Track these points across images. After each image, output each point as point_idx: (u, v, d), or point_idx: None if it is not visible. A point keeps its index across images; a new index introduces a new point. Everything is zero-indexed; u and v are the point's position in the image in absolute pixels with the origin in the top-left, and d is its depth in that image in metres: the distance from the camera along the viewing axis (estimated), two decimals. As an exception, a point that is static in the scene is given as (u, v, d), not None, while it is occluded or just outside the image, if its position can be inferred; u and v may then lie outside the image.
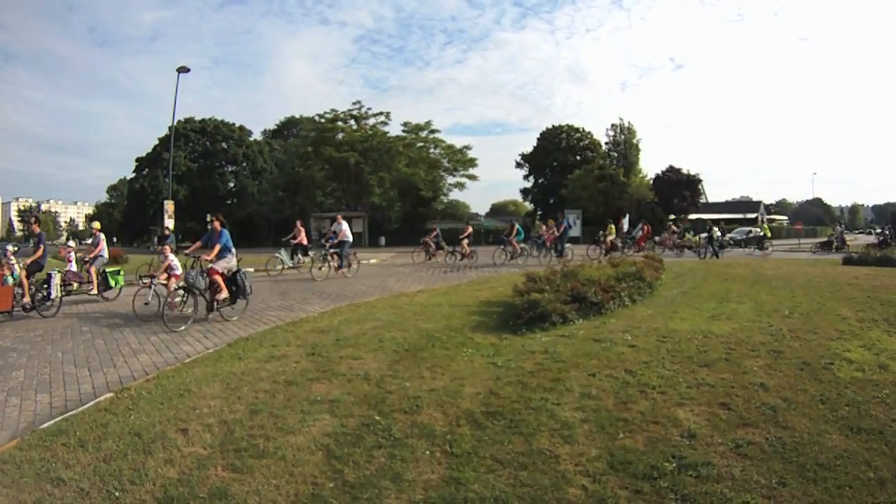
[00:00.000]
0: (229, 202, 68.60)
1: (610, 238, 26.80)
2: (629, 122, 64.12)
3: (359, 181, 53.93)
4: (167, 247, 13.41)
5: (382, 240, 51.23)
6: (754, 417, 4.85)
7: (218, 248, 10.92)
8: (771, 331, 8.07)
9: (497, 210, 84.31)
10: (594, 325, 8.82)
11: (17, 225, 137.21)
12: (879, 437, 4.36)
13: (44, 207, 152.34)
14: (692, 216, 56.54)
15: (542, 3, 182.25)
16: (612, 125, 64.29)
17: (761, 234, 34.49)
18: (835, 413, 4.88)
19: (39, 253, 12.32)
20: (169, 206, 30.44)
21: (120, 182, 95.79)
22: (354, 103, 57.54)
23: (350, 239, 19.67)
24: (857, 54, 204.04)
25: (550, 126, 71.97)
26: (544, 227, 27.72)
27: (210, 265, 10.76)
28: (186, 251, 12.03)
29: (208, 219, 11.86)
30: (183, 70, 30.90)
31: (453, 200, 64.31)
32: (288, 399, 5.70)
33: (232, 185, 70.56)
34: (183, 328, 9.97)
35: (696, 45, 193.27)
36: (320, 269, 18.91)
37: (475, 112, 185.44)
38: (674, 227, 33.55)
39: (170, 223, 30.61)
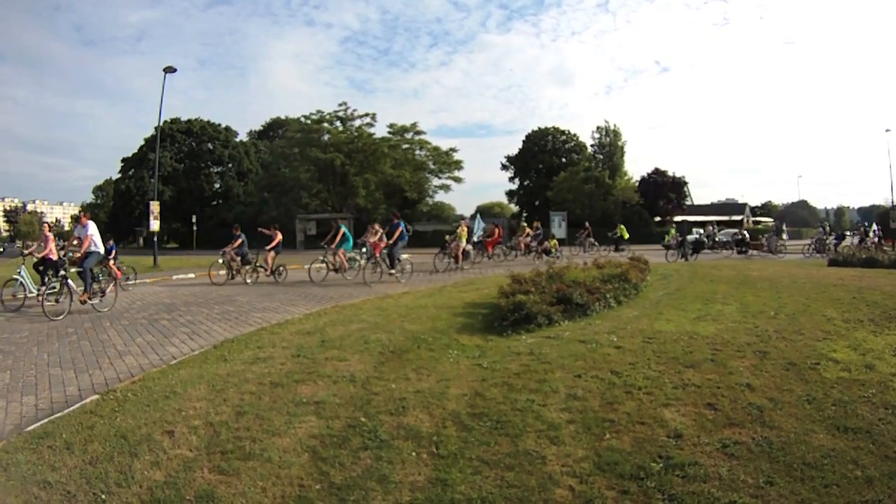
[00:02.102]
0: (215, 203, 68.48)
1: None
2: (615, 125, 64.32)
3: (344, 183, 53.97)
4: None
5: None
6: (741, 417, 4.86)
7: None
8: (757, 332, 8.11)
9: (482, 212, 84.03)
10: (580, 327, 8.84)
11: (2, 225, 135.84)
12: (866, 436, 4.38)
13: (29, 208, 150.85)
14: (678, 218, 56.75)
15: (528, 5, 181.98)
16: (598, 127, 64.46)
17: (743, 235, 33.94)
18: (821, 413, 4.90)
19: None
20: (154, 206, 30.23)
21: (106, 183, 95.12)
22: (340, 104, 57.61)
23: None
24: (843, 58, 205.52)
25: (536, 128, 72.24)
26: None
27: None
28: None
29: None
30: (169, 70, 30.70)
31: (439, 202, 64.34)
32: (274, 401, 5.67)
33: (217, 185, 70.42)
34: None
35: (681, 48, 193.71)
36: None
37: (460, 114, 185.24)
38: (529, 230, 29.55)
39: (155, 224, 30.43)
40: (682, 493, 3.65)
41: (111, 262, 15.20)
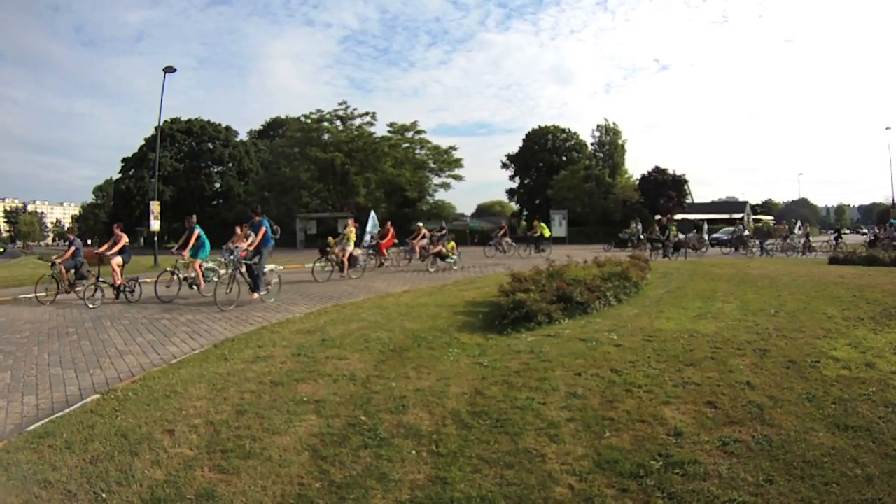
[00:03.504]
0: (215, 202, 68.51)
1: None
2: (614, 123, 64.50)
3: (344, 182, 53.95)
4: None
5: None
6: (741, 416, 4.86)
7: None
8: (757, 330, 8.10)
9: (483, 210, 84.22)
10: (580, 325, 8.83)
11: (3, 226, 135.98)
12: (866, 434, 4.38)
13: (29, 208, 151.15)
14: (678, 216, 56.73)
15: (527, 4, 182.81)
16: (598, 126, 64.62)
17: (746, 233, 33.71)
18: (821, 411, 4.90)
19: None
20: (155, 206, 30.22)
21: (106, 183, 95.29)
22: (340, 104, 57.53)
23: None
24: (843, 55, 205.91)
25: (536, 127, 72.27)
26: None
27: None
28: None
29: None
30: (169, 70, 30.70)
31: (439, 201, 64.27)
32: (274, 400, 5.68)
33: (218, 185, 70.45)
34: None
35: (681, 46, 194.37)
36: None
37: (460, 113, 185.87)
38: (424, 230, 25.04)
39: (155, 224, 30.42)
40: (682, 491, 3.65)
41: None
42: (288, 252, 35.15)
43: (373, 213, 27.30)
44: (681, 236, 30.72)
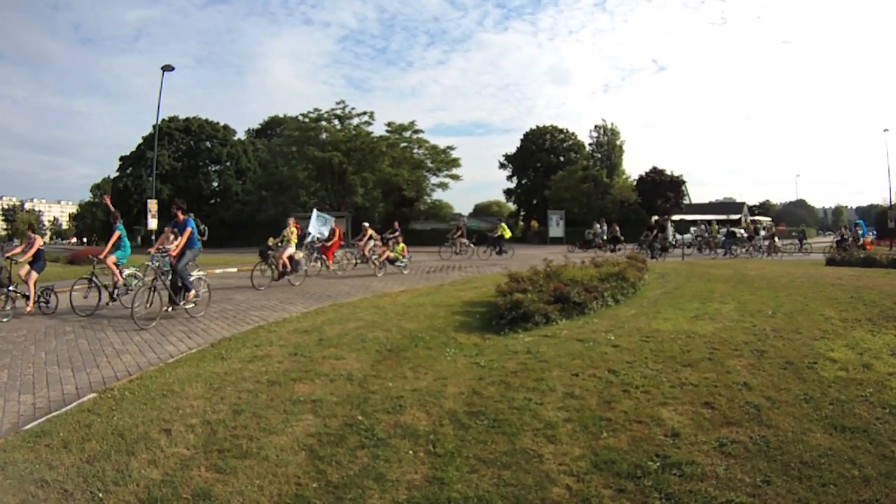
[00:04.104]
0: (213, 201, 68.28)
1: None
2: (612, 124, 64.52)
3: (342, 181, 53.82)
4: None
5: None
6: (738, 416, 4.87)
7: None
8: (754, 331, 8.12)
9: (481, 210, 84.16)
10: (577, 325, 8.84)
11: (0, 224, 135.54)
12: (864, 435, 4.39)
13: (27, 206, 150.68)
14: (675, 217, 56.75)
15: (525, 4, 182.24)
16: (596, 126, 64.70)
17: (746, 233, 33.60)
18: (819, 412, 4.91)
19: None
20: (152, 205, 30.21)
21: (104, 181, 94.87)
22: (338, 103, 57.38)
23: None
24: (841, 57, 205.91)
25: (534, 127, 72.02)
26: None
27: None
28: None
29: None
30: (167, 68, 30.70)
31: (437, 201, 64.18)
32: (271, 399, 5.68)
33: (216, 184, 70.22)
34: None
35: (679, 47, 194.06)
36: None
37: (458, 112, 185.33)
38: (370, 231, 21.62)
39: (153, 222, 30.37)
40: (679, 491, 3.65)
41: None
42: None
43: (316, 211, 23.05)
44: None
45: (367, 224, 22.31)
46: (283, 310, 11.87)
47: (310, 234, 20.90)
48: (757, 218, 60.32)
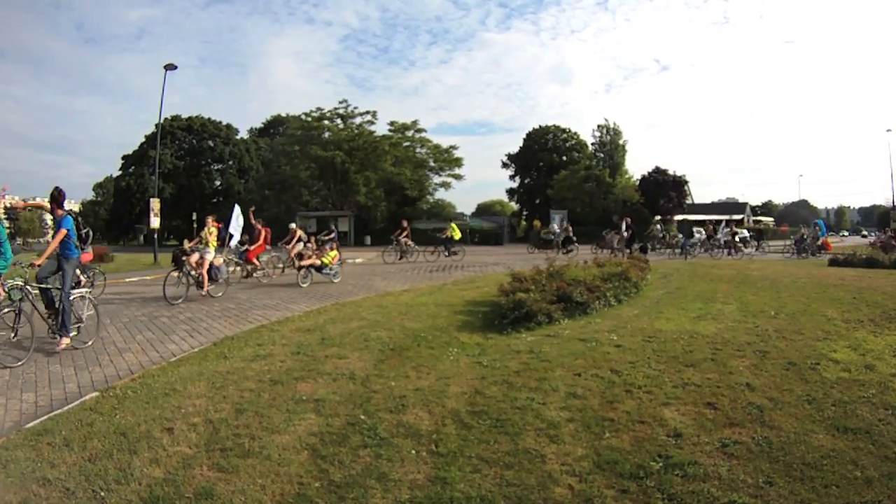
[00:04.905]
0: (215, 200, 68.37)
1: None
2: (615, 123, 64.48)
3: (345, 180, 53.92)
4: None
5: (368, 239, 51.13)
6: (741, 417, 4.86)
7: None
8: (757, 331, 8.11)
9: (483, 210, 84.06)
10: (580, 325, 8.84)
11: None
12: (866, 436, 4.38)
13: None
14: (678, 217, 56.75)
15: (528, 4, 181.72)
16: (599, 126, 64.67)
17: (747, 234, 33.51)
18: (821, 413, 4.90)
19: None
20: (155, 204, 30.22)
21: (106, 180, 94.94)
22: (341, 102, 57.56)
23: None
24: (844, 57, 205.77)
25: (537, 126, 72.18)
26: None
27: None
28: None
29: None
30: (170, 67, 30.70)
31: (439, 200, 64.24)
32: (273, 398, 5.68)
33: (218, 183, 70.39)
34: None
35: (681, 47, 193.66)
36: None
37: (460, 112, 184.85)
38: (299, 233, 19.51)
39: (155, 221, 30.40)
40: (682, 492, 3.64)
41: None
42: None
43: (237, 209, 19.76)
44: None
45: (293, 225, 20.07)
46: (286, 309, 11.89)
47: (232, 235, 18.58)
48: (759, 218, 60.37)
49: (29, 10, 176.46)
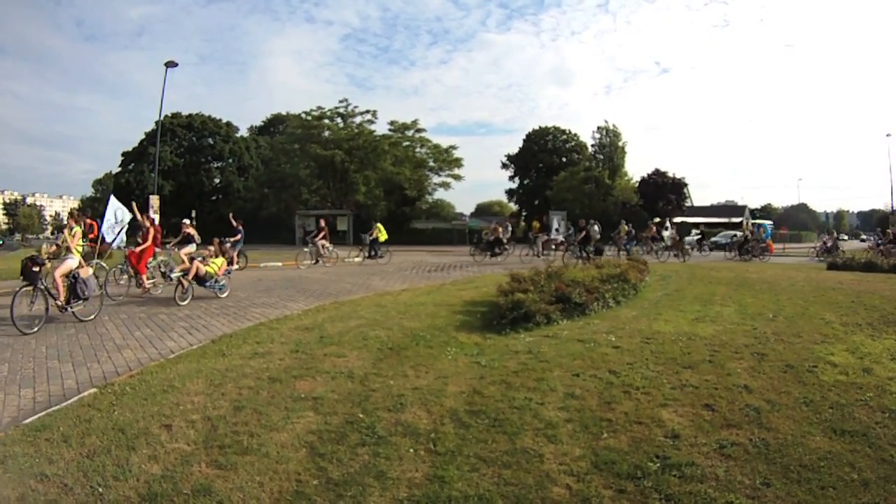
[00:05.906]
0: (214, 198, 68.25)
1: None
2: (615, 125, 64.29)
3: (344, 179, 53.80)
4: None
5: (367, 238, 51.01)
6: (738, 419, 4.88)
7: None
8: (755, 334, 8.12)
9: (482, 210, 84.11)
10: (578, 326, 8.85)
11: (2, 218, 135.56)
12: (863, 439, 4.40)
13: (28, 201, 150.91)
14: (677, 219, 56.75)
15: (528, 5, 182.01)
16: (598, 128, 64.38)
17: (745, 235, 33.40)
18: (818, 415, 4.91)
19: None
20: (154, 201, 30.23)
21: (105, 176, 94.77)
22: (341, 101, 57.41)
23: None
24: (843, 61, 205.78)
25: (537, 127, 71.95)
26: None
27: None
28: None
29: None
30: (171, 64, 30.73)
31: (438, 200, 64.16)
32: (272, 396, 5.68)
33: (218, 180, 70.18)
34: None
35: (681, 49, 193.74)
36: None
37: (460, 112, 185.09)
38: (190, 231, 16.61)
39: (155, 218, 30.33)
40: (679, 493, 3.66)
41: None
42: (287, 249, 35.06)
43: (112, 199, 15.91)
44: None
45: (187, 221, 17.06)
46: (285, 307, 11.88)
47: (104, 238, 15.20)
48: (758, 221, 60.31)
49: (29, 7, 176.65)
